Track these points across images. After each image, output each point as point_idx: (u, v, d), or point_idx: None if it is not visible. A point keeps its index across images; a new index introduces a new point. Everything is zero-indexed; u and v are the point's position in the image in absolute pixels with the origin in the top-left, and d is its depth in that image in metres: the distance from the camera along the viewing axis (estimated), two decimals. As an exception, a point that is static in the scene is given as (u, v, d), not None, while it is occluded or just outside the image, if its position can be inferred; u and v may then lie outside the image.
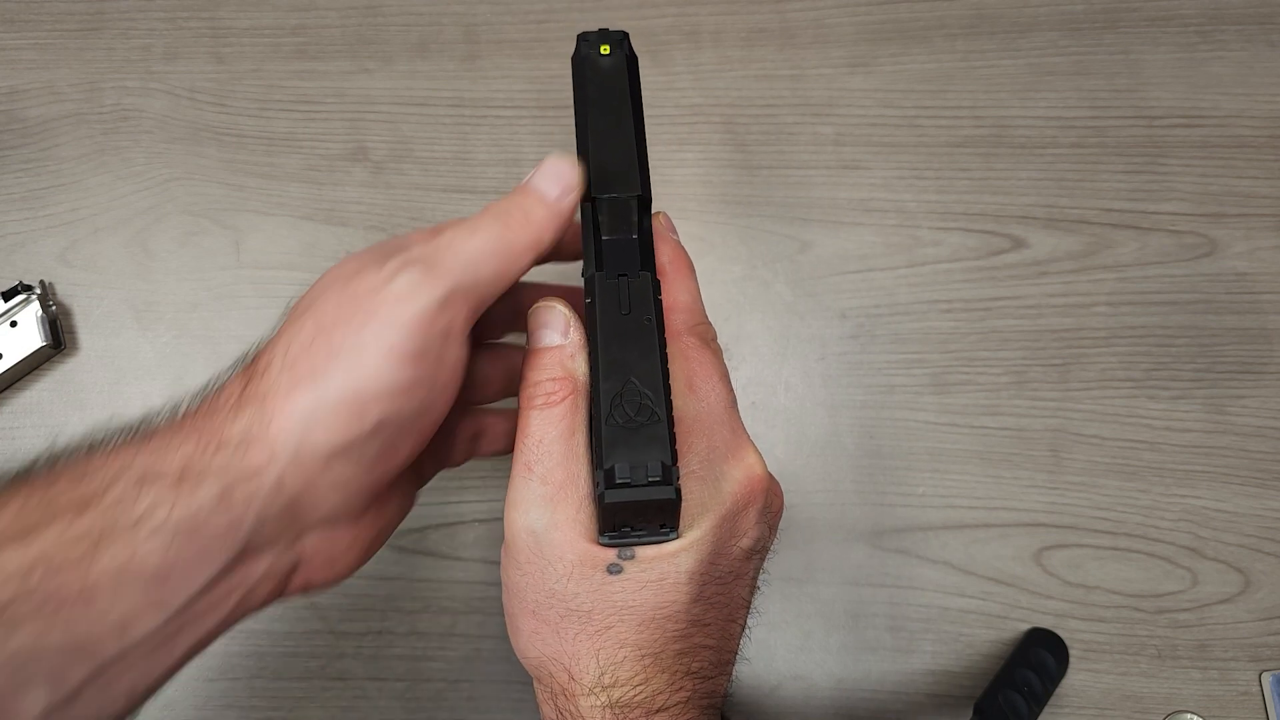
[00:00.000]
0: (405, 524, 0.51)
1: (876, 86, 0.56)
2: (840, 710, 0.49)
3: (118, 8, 0.57)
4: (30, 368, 0.52)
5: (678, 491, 0.26)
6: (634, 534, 0.28)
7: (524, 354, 0.31)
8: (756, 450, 0.30)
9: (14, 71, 0.57)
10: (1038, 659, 0.48)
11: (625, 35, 0.34)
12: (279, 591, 0.29)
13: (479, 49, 0.57)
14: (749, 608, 0.31)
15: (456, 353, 0.28)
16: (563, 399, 0.28)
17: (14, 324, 0.51)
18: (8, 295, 0.51)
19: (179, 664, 0.26)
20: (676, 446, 0.28)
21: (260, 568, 0.27)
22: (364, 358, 0.26)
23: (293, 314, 0.28)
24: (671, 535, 0.28)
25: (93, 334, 0.53)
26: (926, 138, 0.55)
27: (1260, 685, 0.49)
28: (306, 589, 0.29)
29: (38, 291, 0.52)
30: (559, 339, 0.30)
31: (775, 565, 0.51)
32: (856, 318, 0.53)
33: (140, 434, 0.27)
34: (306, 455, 0.26)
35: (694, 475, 0.29)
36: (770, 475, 0.31)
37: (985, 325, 0.53)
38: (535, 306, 0.31)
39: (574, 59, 0.34)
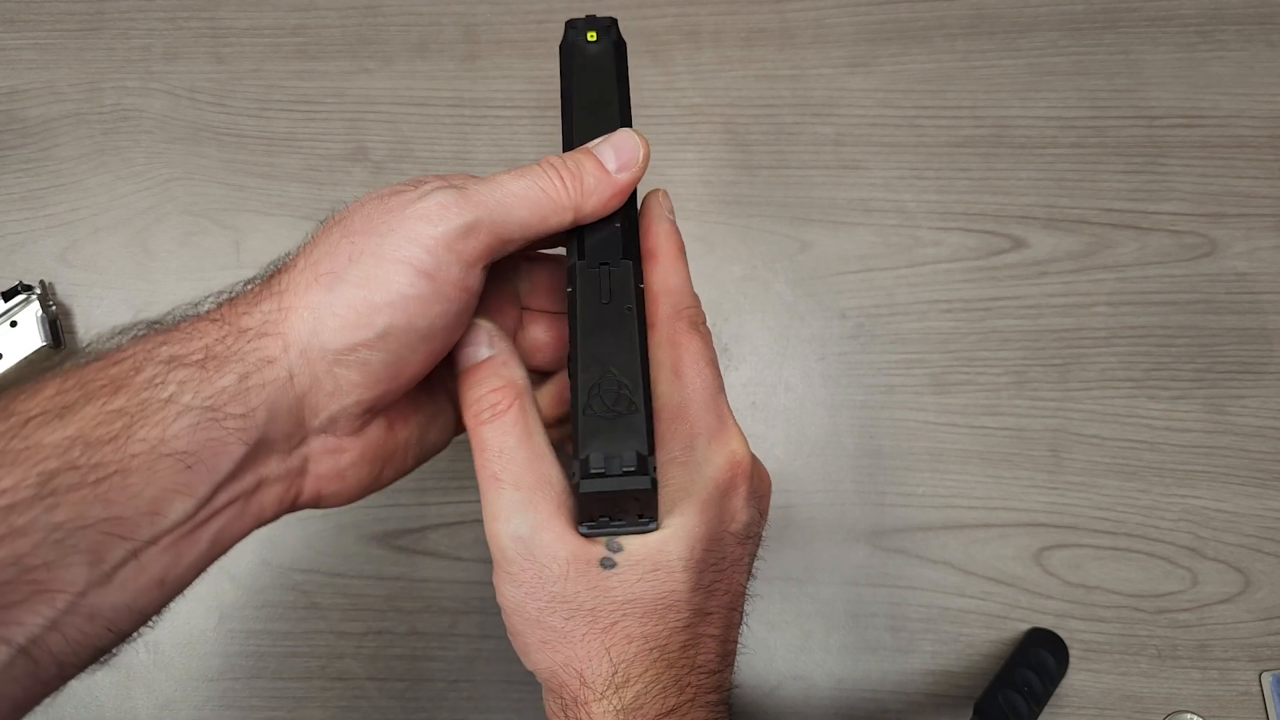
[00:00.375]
0: (405, 524, 0.51)
1: (876, 86, 0.56)
2: (840, 710, 0.49)
3: (118, 8, 0.57)
4: (31, 367, 0.52)
5: (653, 481, 0.26)
6: (613, 524, 0.28)
7: (456, 380, 0.31)
8: (740, 434, 0.30)
9: (14, 71, 0.57)
10: (1038, 659, 0.48)
11: (613, 21, 0.34)
12: (292, 499, 0.29)
13: (479, 49, 0.57)
14: (745, 595, 0.31)
15: (472, 281, 0.28)
16: (509, 405, 0.29)
17: (14, 324, 0.51)
18: (8, 295, 0.51)
19: (202, 561, 0.27)
20: (655, 435, 0.29)
21: (271, 465, 0.28)
22: (380, 265, 0.27)
23: (324, 226, 0.29)
24: (651, 525, 0.28)
25: (93, 334, 0.53)
26: (926, 138, 0.55)
27: (1260, 685, 0.49)
28: (318, 502, 0.30)
29: (38, 291, 0.52)
30: (486, 351, 0.30)
31: (775, 565, 0.51)
32: (856, 318, 0.53)
33: (165, 326, 0.27)
34: (314, 351, 0.27)
35: (676, 461, 0.29)
36: (754, 458, 0.31)
37: (985, 325, 0.53)
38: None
39: (561, 47, 0.34)
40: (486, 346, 0.30)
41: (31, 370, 0.52)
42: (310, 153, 0.56)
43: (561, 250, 0.34)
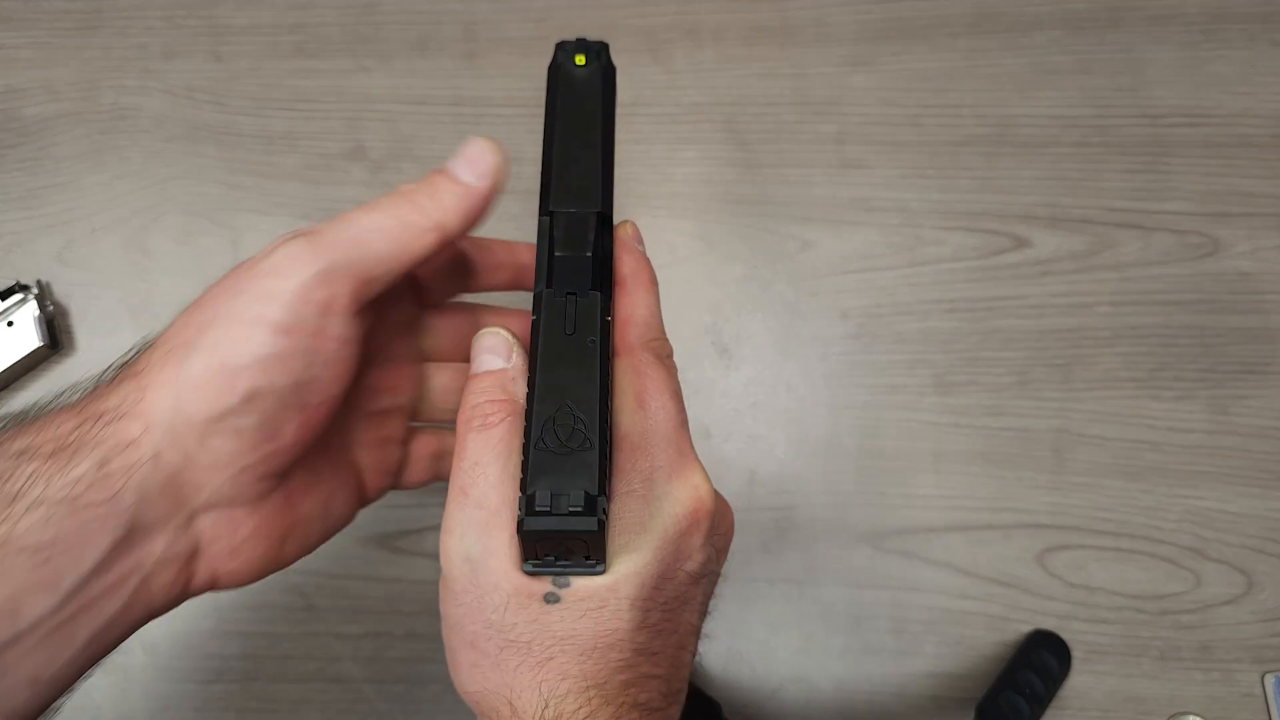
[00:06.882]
0: (404, 526, 0.51)
1: (878, 85, 0.56)
2: (842, 712, 0.49)
3: (115, 6, 0.57)
4: (27, 368, 0.52)
5: (600, 524, 0.25)
6: (558, 564, 0.26)
7: (466, 379, 0.30)
8: (704, 472, 0.29)
9: (11, 70, 0.56)
10: (1040, 661, 0.47)
11: (604, 46, 0.33)
12: (184, 584, 0.28)
13: (478, 47, 0.57)
14: (699, 634, 0.30)
15: (340, 329, 0.27)
16: (500, 421, 0.28)
17: (10, 324, 0.51)
18: (5, 295, 0.51)
19: (84, 656, 0.26)
20: (614, 466, 0.27)
21: (154, 550, 0.26)
22: (233, 328, 0.26)
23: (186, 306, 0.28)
24: (598, 569, 0.26)
25: (90, 334, 0.53)
26: (929, 136, 0.55)
27: (1263, 686, 0.49)
28: (215, 583, 0.29)
29: (35, 291, 0.52)
30: (501, 363, 0.29)
31: (777, 567, 0.51)
32: (858, 317, 0.53)
33: (24, 420, 0.26)
34: (180, 427, 0.26)
35: (635, 494, 0.27)
36: (718, 497, 0.29)
37: (988, 325, 0.53)
38: (480, 332, 0.30)
39: (549, 68, 0.33)
40: (502, 359, 0.29)
41: (28, 370, 0.52)
42: (309, 151, 0.55)
43: (467, 298, 0.34)
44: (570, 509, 0.25)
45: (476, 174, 0.29)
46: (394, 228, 0.28)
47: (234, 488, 0.27)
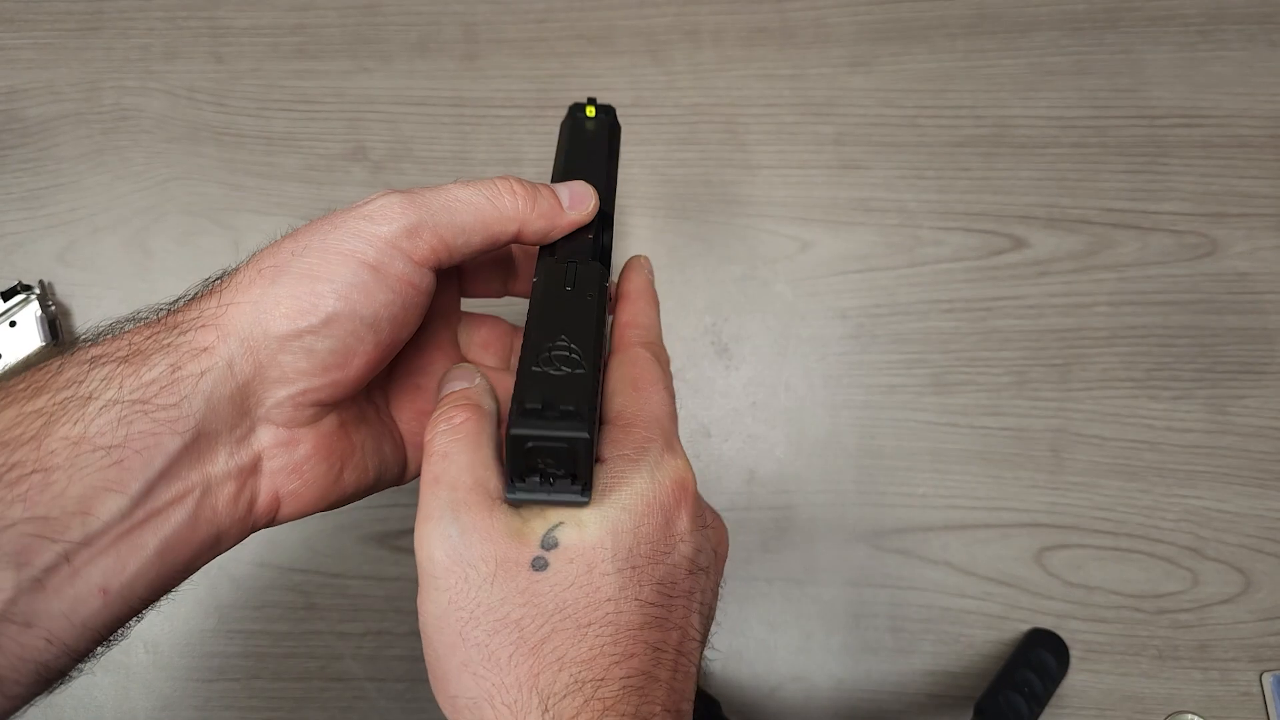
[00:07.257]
0: (404, 524, 0.51)
1: (877, 86, 0.56)
2: (840, 711, 0.49)
3: (117, 7, 0.57)
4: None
5: (590, 430, 0.25)
6: (543, 487, 0.26)
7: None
8: (689, 464, 0.30)
9: (13, 71, 0.56)
10: (1038, 659, 0.47)
11: (611, 108, 0.37)
12: (248, 504, 0.28)
13: (478, 48, 0.57)
14: (702, 646, 0.29)
15: (418, 280, 0.29)
16: (465, 419, 0.29)
17: (13, 324, 0.51)
18: (7, 295, 0.51)
19: (153, 571, 0.26)
20: (608, 437, 0.28)
21: (218, 461, 0.27)
22: (326, 256, 0.28)
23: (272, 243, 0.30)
24: (584, 497, 0.26)
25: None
26: (927, 137, 0.55)
27: (1261, 685, 0.49)
28: (278, 507, 0.29)
29: (37, 291, 0.52)
30: (465, 385, 0.31)
31: (777, 566, 0.51)
32: (857, 317, 0.53)
33: (94, 337, 0.27)
34: (258, 339, 0.27)
35: (626, 458, 0.28)
36: (716, 514, 0.31)
37: (986, 325, 0.53)
38: (449, 368, 0.32)
39: (561, 124, 0.36)
40: (467, 381, 0.31)
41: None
42: (309, 152, 0.55)
43: (502, 302, 0.36)
44: (563, 410, 0.25)
45: (572, 204, 0.32)
46: (484, 206, 0.30)
47: (292, 408, 0.28)
